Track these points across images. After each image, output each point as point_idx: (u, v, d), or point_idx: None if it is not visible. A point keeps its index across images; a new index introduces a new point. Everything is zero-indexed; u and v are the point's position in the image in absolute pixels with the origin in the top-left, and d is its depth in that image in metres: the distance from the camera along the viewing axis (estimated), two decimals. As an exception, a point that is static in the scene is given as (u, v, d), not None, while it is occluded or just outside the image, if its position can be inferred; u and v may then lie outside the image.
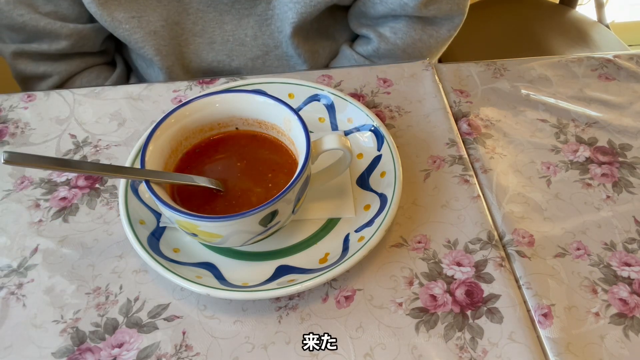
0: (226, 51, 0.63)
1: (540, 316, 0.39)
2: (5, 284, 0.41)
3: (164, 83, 0.56)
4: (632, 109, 0.55)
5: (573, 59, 0.61)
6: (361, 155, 0.47)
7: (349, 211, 0.44)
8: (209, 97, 0.42)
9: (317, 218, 0.44)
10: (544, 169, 0.49)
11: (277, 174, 0.42)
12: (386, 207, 0.42)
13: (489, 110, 0.54)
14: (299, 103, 0.50)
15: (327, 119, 0.50)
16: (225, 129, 0.44)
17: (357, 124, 0.49)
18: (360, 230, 0.42)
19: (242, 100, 0.42)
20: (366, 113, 0.48)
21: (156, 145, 0.39)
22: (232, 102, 0.42)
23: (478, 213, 0.45)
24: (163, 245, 0.41)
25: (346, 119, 0.49)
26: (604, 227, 0.45)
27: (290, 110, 0.40)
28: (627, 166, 0.50)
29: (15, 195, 0.46)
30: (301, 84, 0.50)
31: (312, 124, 0.48)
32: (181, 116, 0.41)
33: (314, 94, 0.50)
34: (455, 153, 0.49)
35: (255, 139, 0.44)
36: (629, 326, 0.39)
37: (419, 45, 0.65)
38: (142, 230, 0.41)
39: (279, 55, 0.64)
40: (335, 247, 0.41)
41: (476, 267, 0.42)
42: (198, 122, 0.42)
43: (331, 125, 0.50)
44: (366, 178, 0.46)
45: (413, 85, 0.56)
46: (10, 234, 0.43)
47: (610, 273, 0.42)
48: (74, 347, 0.37)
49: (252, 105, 0.42)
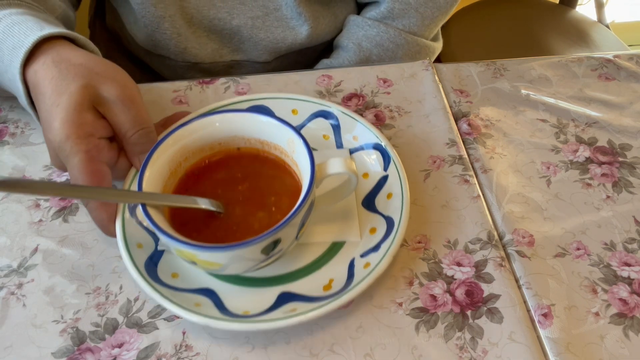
0: (227, 9, 0.62)
1: (540, 316, 0.39)
2: (5, 284, 0.41)
3: (164, 83, 0.56)
4: (632, 109, 0.55)
5: (573, 59, 0.61)
6: (367, 175, 0.46)
7: (354, 234, 0.42)
8: (210, 117, 0.41)
9: (321, 241, 0.42)
10: (544, 169, 0.49)
11: (280, 197, 0.40)
12: (393, 232, 0.40)
13: (489, 110, 0.54)
14: (303, 119, 0.49)
15: (332, 136, 0.48)
16: (227, 148, 0.42)
17: (362, 142, 0.47)
18: (366, 256, 0.40)
19: (244, 120, 0.41)
20: (372, 131, 0.46)
21: (154, 169, 0.38)
22: (233, 121, 0.41)
23: (478, 213, 0.45)
24: (161, 271, 0.39)
25: (352, 137, 0.48)
26: (604, 227, 0.45)
27: (294, 132, 0.39)
28: (627, 166, 0.50)
29: (15, 195, 0.46)
30: (306, 99, 0.49)
31: (316, 141, 0.47)
32: (180, 137, 0.40)
33: (318, 111, 0.49)
34: (455, 153, 0.49)
35: (258, 159, 0.42)
36: (629, 326, 0.39)
37: (431, 4, 0.64)
38: (139, 254, 0.39)
39: (279, 17, 0.63)
40: (340, 273, 0.40)
41: (476, 267, 0.42)
42: (198, 142, 0.41)
43: (336, 142, 0.48)
44: (372, 199, 0.44)
45: (413, 85, 0.56)
46: (10, 234, 0.43)
47: (610, 273, 0.42)
48: (74, 347, 0.37)
49: (254, 125, 0.41)
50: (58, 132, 0.38)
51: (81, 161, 0.38)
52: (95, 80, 0.40)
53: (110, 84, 0.41)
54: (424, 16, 0.65)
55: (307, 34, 0.64)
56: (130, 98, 0.41)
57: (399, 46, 0.65)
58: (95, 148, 0.39)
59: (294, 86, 0.55)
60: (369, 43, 0.64)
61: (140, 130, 0.41)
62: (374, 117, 0.52)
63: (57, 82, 0.40)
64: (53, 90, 0.40)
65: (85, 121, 0.39)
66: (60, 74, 0.40)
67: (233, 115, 0.41)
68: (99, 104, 0.41)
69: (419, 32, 0.66)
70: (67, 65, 0.41)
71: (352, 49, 0.64)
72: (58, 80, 0.40)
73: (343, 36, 0.67)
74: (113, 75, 0.42)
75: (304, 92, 0.55)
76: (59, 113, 0.39)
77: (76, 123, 0.38)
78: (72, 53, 0.42)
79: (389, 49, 0.65)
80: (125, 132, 0.41)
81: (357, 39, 0.65)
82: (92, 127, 0.39)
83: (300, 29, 0.64)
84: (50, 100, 0.39)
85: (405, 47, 0.65)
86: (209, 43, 0.65)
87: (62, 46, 0.43)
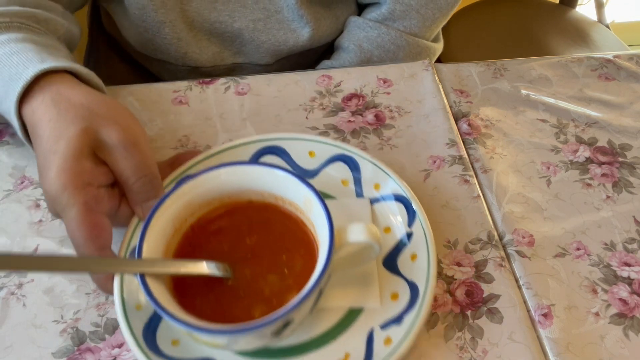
0: (228, 12, 0.62)
1: (540, 316, 0.39)
2: (5, 284, 0.41)
3: (164, 83, 0.56)
4: (632, 109, 0.55)
5: (573, 59, 0.61)
6: (388, 230, 0.41)
7: (374, 300, 0.37)
8: (220, 170, 0.37)
9: (337, 306, 0.37)
10: (544, 169, 0.49)
11: (292, 255, 0.37)
12: (418, 302, 0.36)
13: (489, 110, 0.54)
14: (321, 162, 0.45)
15: (351, 183, 0.44)
16: (237, 201, 0.39)
17: (385, 191, 0.43)
18: (387, 328, 0.36)
19: (257, 173, 0.38)
20: (396, 181, 0.42)
21: (155, 229, 0.35)
22: (246, 174, 0.38)
23: (478, 213, 0.45)
24: (161, 337, 0.35)
25: (372, 185, 0.43)
26: (604, 227, 0.45)
27: (312, 192, 0.35)
28: (627, 166, 0.50)
29: (15, 195, 0.46)
30: (324, 141, 0.45)
31: (334, 188, 0.44)
32: (186, 191, 0.37)
33: (337, 154, 0.44)
34: (455, 153, 0.49)
35: (268, 210, 0.39)
36: (629, 326, 0.39)
37: (431, 6, 0.64)
38: (138, 317, 0.35)
39: (280, 20, 0.63)
40: (357, 347, 0.35)
41: (476, 267, 0.42)
42: (206, 196, 0.38)
43: (356, 190, 0.44)
44: (394, 259, 0.40)
45: (413, 85, 0.56)
46: (10, 234, 0.43)
47: (610, 273, 0.42)
48: (74, 347, 0.37)
49: (268, 179, 0.37)
50: (54, 182, 0.35)
51: (78, 214, 0.35)
52: (95, 123, 0.37)
53: (112, 127, 0.38)
54: (425, 17, 0.65)
55: (308, 36, 0.64)
56: (133, 142, 0.38)
57: (400, 47, 0.65)
58: (94, 199, 0.36)
59: (294, 86, 0.55)
60: (370, 44, 0.64)
61: (143, 177, 0.38)
62: (374, 117, 0.52)
63: (55, 125, 0.37)
64: (50, 134, 0.37)
65: (84, 169, 0.36)
66: (59, 115, 0.38)
67: (246, 168, 0.38)
68: (99, 149, 0.38)
69: (420, 33, 0.66)
70: (66, 105, 0.38)
71: (353, 50, 0.64)
72: (56, 122, 0.37)
73: (344, 37, 0.67)
74: (115, 116, 0.39)
75: (304, 92, 0.55)
76: (55, 161, 0.36)
77: (73, 172, 0.35)
78: (73, 91, 0.40)
79: (390, 50, 0.65)
80: (127, 180, 0.38)
81: (358, 40, 0.65)
82: (90, 175, 0.36)
83: (301, 31, 0.64)
84: (47, 145, 0.37)
85: (407, 48, 0.65)
86: (210, 46, 0.65)
87: (62, 82, 0.40)
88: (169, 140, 0.50)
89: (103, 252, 0.35)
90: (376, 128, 0.52)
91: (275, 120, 0.52)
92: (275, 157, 0.45)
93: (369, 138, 0.51)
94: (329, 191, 0.43)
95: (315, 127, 0.51)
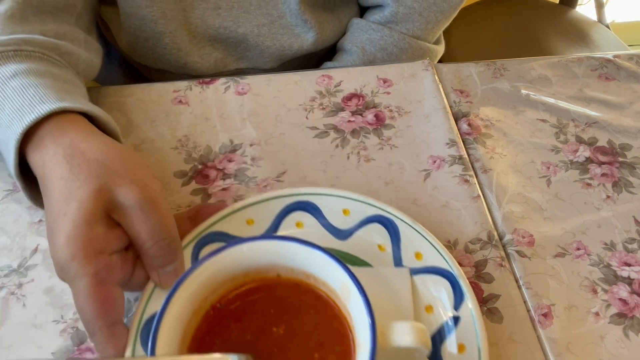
0: (232, 17, 0.62)
1: (540, 316, 0.39)
2: (5, 284, 0.40)
3: (164, 83, 0.56)
4: (632, 109, 0.55)
5: (573, 59, 0.61)
6: (430, 309, 0.37)
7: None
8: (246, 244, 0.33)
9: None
10: (544, 169, 0.49)
11: (326, 353, 0.32)
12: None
13: (489, 110, 0.55)
14: (355, 222, 0.41)
15: (389, 248, 0.40)
16: (264, 276, 0.35)
17: (427, 263, 0.38)
18: None
19: (288, 249, 0.33)
20: (441, 253, 0.38)
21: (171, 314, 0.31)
22: (275, 249, 0.34)
23: (478, 213, 0.45)
24: None
25: (413, 253, 0.39)
26: (604, 227, 0.45)
27: (352, 281, 0.31)
28: (627, 166, 0.50)
29: (16, 195, 0.46)
30: (360, 199, 0.41)
31: (369, 253, 0.40)
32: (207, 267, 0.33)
33: (374, 215, 0.40)
34: (455, 153, 0.49)
35: (299, 291, 0.34)
36: (629, 326, 0.39)
37: (434, 9, 0.64)
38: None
39: (284, 25, 0.63)
40: None
41: (476, 267, 0.42)
42: (230, 271, 0.34)
43: (394, 257, 0.39)
44: (437, 347, 0.35)
45: (413, 85, 0.56)
46: (10, 234, 0.43)
47: (610, 273, 0.42)
48: (74, 347, 0.37)
49: (300, 255, 0.33)
50: (62, 250, 0.33)
51: (88, 287, 0.32)
52: (111, 182, 0.35)
53: (129, 187, 0.35)
54: (428, 20, 0.65)
55: (313, 40, 0.64)
56: (150, 202, 0.35)
57: (403, 50, 0.65)
58: (105, 268, 0.33)
59: (294, 86, 0.55)
60: (372, 47, 0.64)
61: (161, 241, 0.35)
62: (374, 117, 0.52)
63: (66, 184, 0.34)
64: (61, 194, 0.34)
65: (96, 236, 0.33)
66: (72, 172, 0.35)
67: (275, 243, 0.34)
68: (113, 210, 0.35)
69: (423, 36, 0.66)
70: (79, 161, 0.35)
71: (356, 53, 0.64)
72: (68, 181, 0.34)
73: (346, 39, 0.67)
74: (132, 173, 0.36)
75: (304, 92, 0.55)
76: (65, 225, 0.33)
77: (84, 239, 0.33)
78: (87, 144, 0.37)
79: (392, 53, 0.65)
80: (143, 244, 0.35)
81: (360, 43, 0.65)
82: (103, 242, 0.34)
83: (306, 36, 0.64)
84: (57, 206, 0.34)
85: (409, 51, 0.65)
86: (213, 53, 0.65)
87: (77, 130, 0.38)
88: (169, 140, 0.50)
89: (113, 328, 0.33)
90: (376, 128, 0.52)
91: (275, 120, 0.52)
92: (305, 213, 0.41)
93: (369, 138, 0.51)
94: (364, 256, 0.39)
95: (315, 127, 0.51)
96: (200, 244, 0.38)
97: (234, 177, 0.47)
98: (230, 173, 0.47)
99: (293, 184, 0.46)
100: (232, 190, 0.46)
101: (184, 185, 0.47)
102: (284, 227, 0.41)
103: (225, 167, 0.48)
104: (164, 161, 0.48)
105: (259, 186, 0.46)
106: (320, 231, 0.41)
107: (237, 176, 0.47)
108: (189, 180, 0.47)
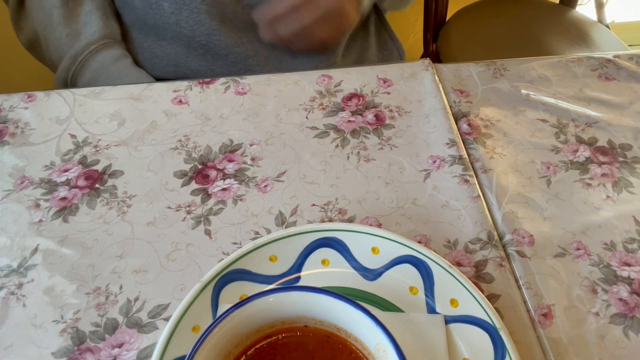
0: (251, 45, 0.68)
1: (540, 316, 0.39)
2: (5, 284, 0.41)
3: (164, 83, 0.56)
4: (632, 109, 0.55)
5: (573, 59, 0.61)
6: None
7: None
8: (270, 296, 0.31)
9: None
10: (544, 169, 0.49)
11: None
12: None
13: (489, 110, 0.55)
14: (385, 262, 0.38)
15: (422, 292, 0.37)
16: (291, 327, 0.33)
17: (464, 311, 0.35)
18: None
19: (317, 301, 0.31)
20: (480, 301, 0.35)
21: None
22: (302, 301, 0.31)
23: (478, 213, 0.45)
24: None
25: (449, 300, 0.36)
26: (604, 227, 0.45)
27: (389, 340, 0.28)
28: (627, 166, 0.50)
29: (15, 195, 0.46)
30: (390, 238, 0.38)
31: (400, 296, 0.37)
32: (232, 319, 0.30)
33: (406, 255, 0.38)
34: (455, 153, 0.49)
35: (329, 345, 0.32)
36: (629, 326, 0.39)
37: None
38: None
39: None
40: None
41: (476, 267, 0.42)
42: (255, 323, 0.32)
43: (427, 303, 0.36)
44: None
45: (413, 85, 0.56)
46: (10, 234, 0.43)
47: (610, 273, 0.42)
48: (74, 347, 0.37)
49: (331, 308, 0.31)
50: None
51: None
52: None
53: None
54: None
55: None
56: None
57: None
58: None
59: (294, 86, 0.55)
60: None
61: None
62: (374, 117, 0.52)
63: None
64: None
65: None
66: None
67: (304, 295, 0.31)
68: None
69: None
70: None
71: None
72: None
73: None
74: None
75: (304, 92, 0.55)
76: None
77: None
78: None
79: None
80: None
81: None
82: None
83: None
84: None
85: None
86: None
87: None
88: (169, 140, 0.50)
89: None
90: (376, 128, 0.52)
91: (275, 120, 0.52)
92: (332, 250, 0.39)
93: (369, 138, 0.51)
94: (395, 300, 0.37)
95: (315, 127, 0.51)
96: (221, 283, 0.36)
97: (234, 177, 0.47)
98: (230, 173, 0.47)
99: (293, 184, 0.47)
100: (232, 190, 0.46)
101: (184, 185, 0.47)
102: (309, 264, 0.38)
103: (225, 167, 0.48)
104: (164, 161, 0.48)
105: (259, 186, 0.46)
106: (348, 270, 0.38)
107: (237, 176, 0.47)
108: (189, 180, 0.47)
